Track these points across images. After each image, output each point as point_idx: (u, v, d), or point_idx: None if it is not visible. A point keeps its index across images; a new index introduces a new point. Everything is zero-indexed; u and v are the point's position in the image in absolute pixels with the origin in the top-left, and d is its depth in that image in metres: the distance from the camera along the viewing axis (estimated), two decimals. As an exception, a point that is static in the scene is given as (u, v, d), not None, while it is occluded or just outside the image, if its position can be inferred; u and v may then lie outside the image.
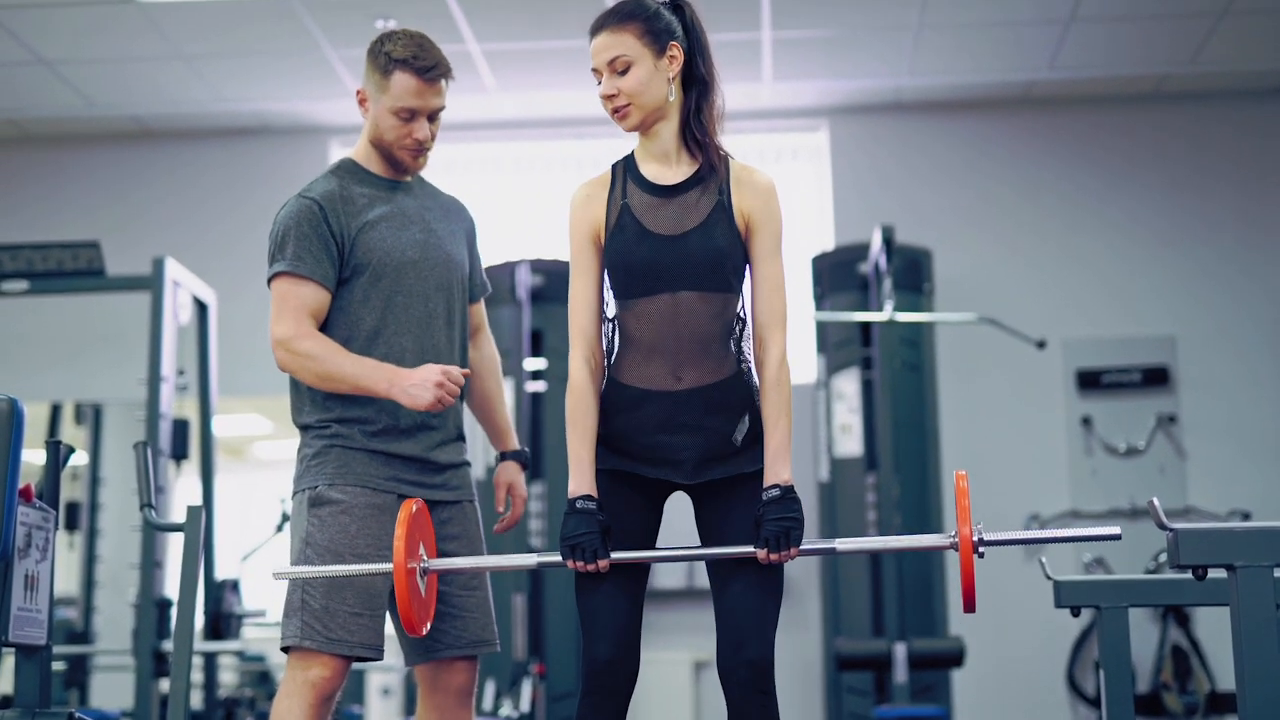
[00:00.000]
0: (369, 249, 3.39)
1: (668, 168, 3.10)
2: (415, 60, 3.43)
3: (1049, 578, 3.54)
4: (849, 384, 7.20)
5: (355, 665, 3.38)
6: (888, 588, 6.48)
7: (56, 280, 6.37)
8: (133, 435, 6.16)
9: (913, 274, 7.28)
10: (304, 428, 3.44)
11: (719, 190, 3.06)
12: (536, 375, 7.14)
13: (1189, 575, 2.73)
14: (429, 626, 3.05)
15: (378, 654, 3.33)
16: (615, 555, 2.94)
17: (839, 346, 7.26)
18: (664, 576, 7.43)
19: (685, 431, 3.02)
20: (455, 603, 3.43)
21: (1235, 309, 7.82)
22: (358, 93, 3.51)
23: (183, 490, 6.64)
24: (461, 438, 3.55)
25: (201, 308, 6.61)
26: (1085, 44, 7.30)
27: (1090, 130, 8.06)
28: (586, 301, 3.09)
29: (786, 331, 3.07)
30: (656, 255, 3.02)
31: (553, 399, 7.01)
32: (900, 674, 6.20)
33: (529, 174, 8.36)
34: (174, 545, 6.04)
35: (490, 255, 7.43)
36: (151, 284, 6.17)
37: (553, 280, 7.08)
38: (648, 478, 3.06)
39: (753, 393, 3.06)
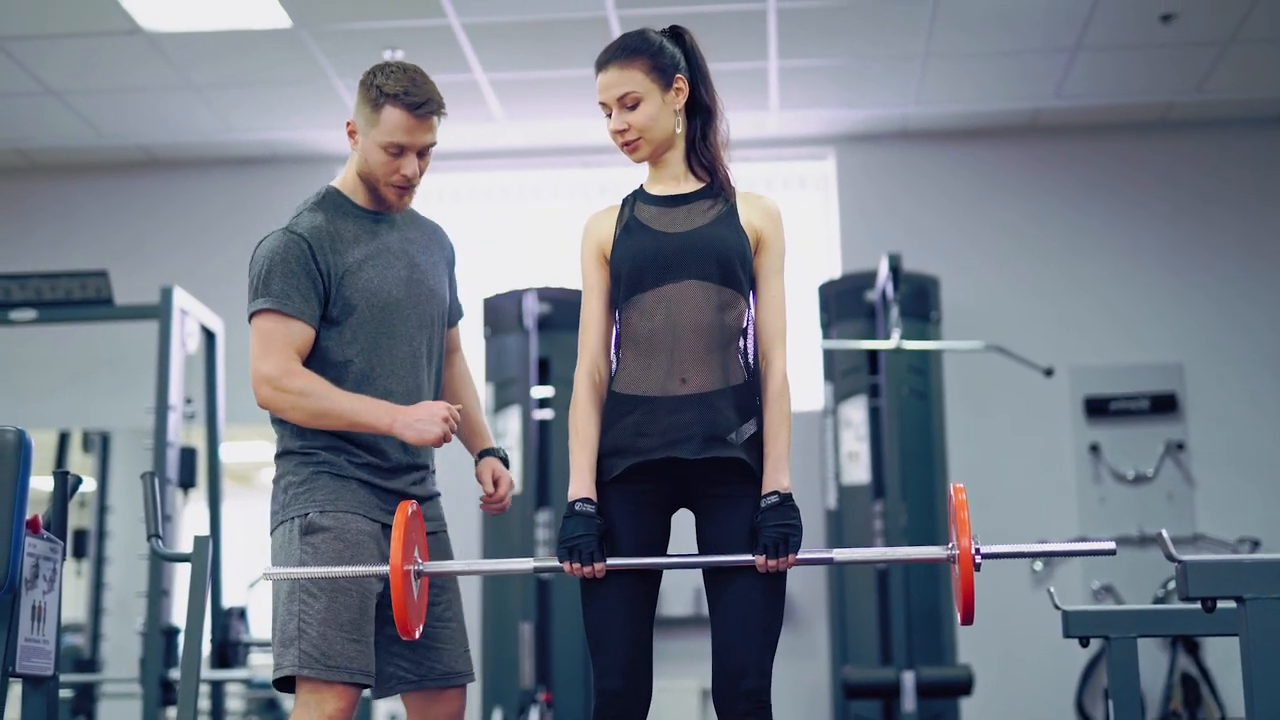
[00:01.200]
0: (356, 289, 3.32)
1: (676, 185, 3.17)
2: (406, 96, 3.29)
3: (1057, 607, 3.53)
4: (856, 411, 7.20)
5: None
6: (895, 615, 6.45)
7: (65, 309, 6.39)
8: (140, 463, 6.16)
9: (920, 302, 7.28)
10: (286, 454, 3.35)
11: (727, 202, 3.13)
12: (544, 403, 7.13)
13: (1198, 606, 2.73)
14: (420, 630, 3.05)
15: (371, 680, 3.27)
16: (612, 561, 2.96)
17: (846, 374, 7.26)
18: (671, 604, 7.41)
19: (692, 410, 3.01)
20: (429, 633, 3.35)
21: (1243, 336, 7.81)
22: (347, 124, 3.40)
23: (190, 517, 6.65)
24: (433, 470, 3.51)
25: (209, 336, 6.63)
26: (1091, 72, 7.32)
27: (1096, 158, 8.07)
28: (595, 319, 3.14)
29: (787, 347, 3.13)
30: (662, 248, 3.07)
31: (560, 427, 7.00)
32: (908, 702, 6.18)
33: (536, 202, 8.38)
34: (181, 573, 6.03)
35: (497, 284, 7.50)
36: (159, 313, 6.20)
37: (560, 309, 7.07)
38: (654, 474, 3.04)
39: (756, 403, 3.07)
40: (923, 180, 8.11)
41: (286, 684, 3.25)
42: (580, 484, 3.04)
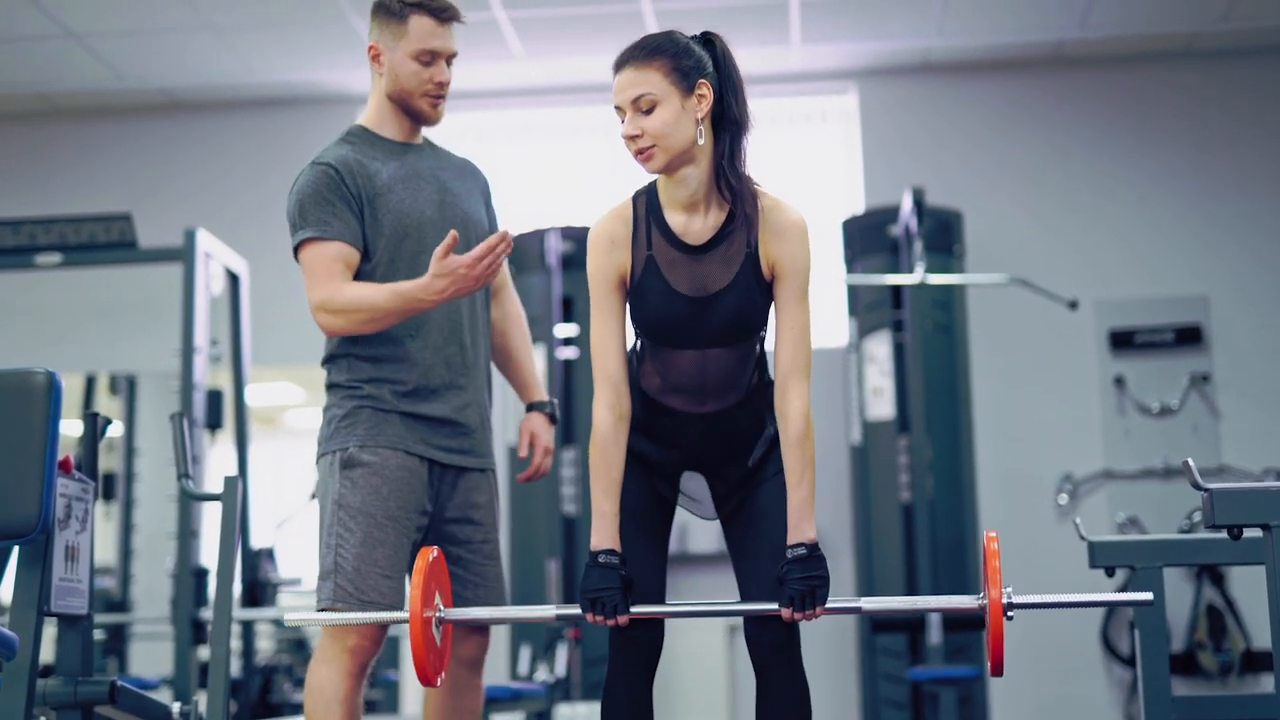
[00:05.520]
0: (388, 211, 3.39)
1: (696, 216, 2.96)
2: (430, 2, 3.43)
3: (1084, 538, 3.54)
4: (880, 347, 7.19)
5: (390, 631, 3.41)
6: (920, 548, 6.48)
7: (89, 253, 6.41)
8: (167, 406, 6.19)
9: (943, 236, 7.25)
10: (333, 387, 3.44)
11: (748, 242, 2.93)
12: (568, 342, 7.15)
13: (1224, 535, 2.73)
14: (443, 677, 3.01)
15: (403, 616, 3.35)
16: (635, 609, 2.95)
17: (870, 309, 7.25)
18: (696, 541, 7.43)
19: (712, 431, 3.04)
20: (477, 570, 3.47)
21: (1269, 268, 7.76)
22: (370, 48, 3.48)
23: (217, 460, 6.69)
24: (481, 402, 3.55)
25: (233, 278, 6.64)
26: (1116, 1, 7.24)
27: (1120, 89, 8.00)
28: (613, 345, 2.99)
29: (809, 381, 2.96)
30: (684, 317, 2.95)
31: (584, 365, 7.02)
32: (934, 635, 6.21)
33: (558, 141, 8.35)
34: (210, 515, 6.08)
35: (520, 223, 7.49)
36: (183, 255, 6.20)
37: (583, 247, 7.02)
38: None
39: (766, 411, 3.06)
40: (946, 113, 8.06)
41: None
42: (603, 533, 2.96)
